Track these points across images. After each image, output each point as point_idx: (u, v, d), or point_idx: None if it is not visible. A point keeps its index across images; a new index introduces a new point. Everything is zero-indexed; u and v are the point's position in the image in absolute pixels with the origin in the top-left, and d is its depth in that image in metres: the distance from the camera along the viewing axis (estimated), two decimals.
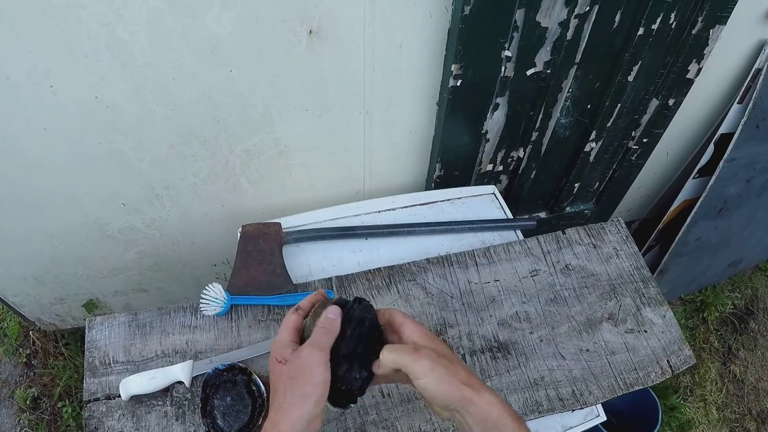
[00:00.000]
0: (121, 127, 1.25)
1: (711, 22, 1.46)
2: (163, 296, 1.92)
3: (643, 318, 1.30)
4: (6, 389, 2.00)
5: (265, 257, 1.30)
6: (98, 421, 1.09)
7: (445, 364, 0.69)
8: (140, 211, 1.51)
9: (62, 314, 1.91)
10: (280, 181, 1.53)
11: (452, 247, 1.41)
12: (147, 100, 1.20)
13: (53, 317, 1.92)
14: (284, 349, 0.73)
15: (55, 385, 1.98)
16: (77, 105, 1.17)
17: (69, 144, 1.25)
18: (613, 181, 1.92)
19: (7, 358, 2.04)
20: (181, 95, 1.21)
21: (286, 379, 0.69)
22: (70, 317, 1.93)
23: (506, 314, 1.27)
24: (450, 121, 1.43)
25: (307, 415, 0.68)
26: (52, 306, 1.85)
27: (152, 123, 1.26)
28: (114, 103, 1.19)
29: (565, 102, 1.55)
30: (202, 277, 1.86)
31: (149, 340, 1.18)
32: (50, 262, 1.63)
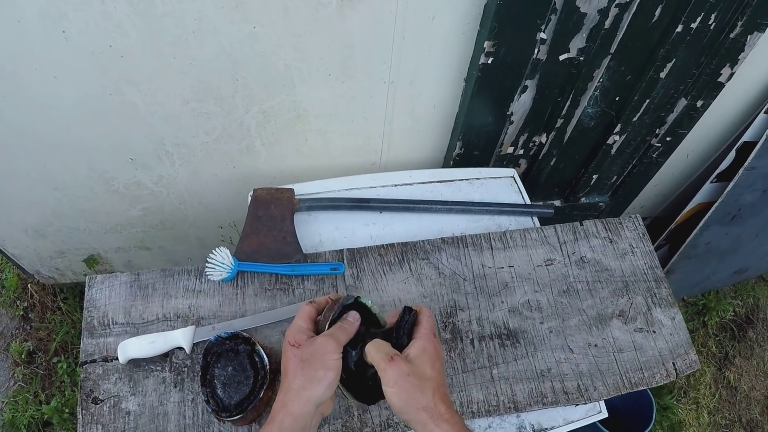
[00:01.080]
0: (134, 78, 1.19)
1: (750, 28, 1.41)
2: (166, 255, 1.87)
3: (652, 318, 1.25)
4: (2, 341, 1.96)
5: (275, 224, 1.24)
6: (94, 384, 1.05)
7: (413, 383, 0.69)
8: (148, 167, 1.45)
9: (62, 268, 1.85)
10: (295, 145, 1.46)
11: (467, 228, 1.35)
12: (164, 52, 1.14)
13: (53, 271, 1.86)
14: (299, 334, 0.74)
15: (51, 339, 1.93)
16: (90, 53, 1.11)
17: (79, 93, 1.20)
18: (631, 176, 1.87)
19: (4, 310, 1.99)
20: (200, 50, 1.15)
21: (299, 362, 0.70)
22: (69, 272, 1.88)
23: (518, 302, 1.22)
24: (476, 99, 1.37)
25: (315, 398, 0.69)
26: (52, 259, 1.79)
27: (167, 76, 1.19)
28: (129, 53, 1.12)
29: (594, 92, 1.49)
30: (207, 239, 1.80)
31: (150, 303, 1.13)
32: (52, 215, 1.57)
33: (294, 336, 0.73)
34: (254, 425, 1.04)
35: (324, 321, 0.76)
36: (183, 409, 1.04)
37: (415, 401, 0.69)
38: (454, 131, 1.50)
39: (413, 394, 0.69)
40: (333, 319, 0.76)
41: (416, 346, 0.74)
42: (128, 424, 1.02)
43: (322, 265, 1.19)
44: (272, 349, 1.10)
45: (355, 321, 0.77)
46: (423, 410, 0.68)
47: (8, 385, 1.89)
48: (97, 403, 1.03)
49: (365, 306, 0.82)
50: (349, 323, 0.76)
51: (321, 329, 0.76)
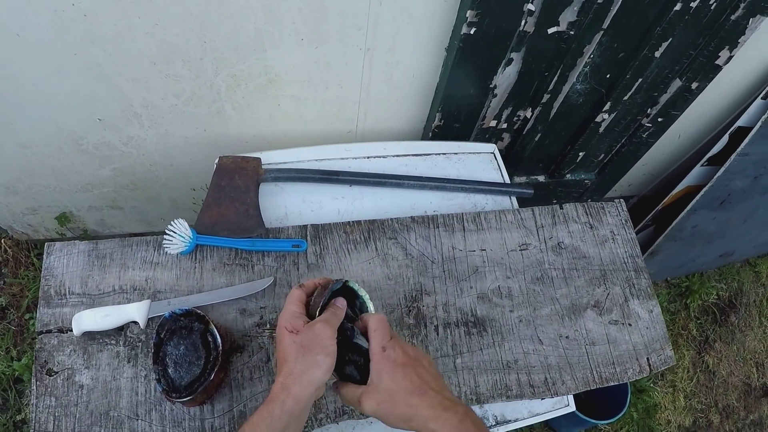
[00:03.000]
0: (98, 38, 1.11)
1: (753, 11, 1.32)
2: (139, 215, 1.81)
3: (629, 310, 1.19)
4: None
5: (239, 195, 1.16)
6: (48, 355, 1.00)
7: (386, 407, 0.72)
8: (117, 128, 1.37)
9: (35, 225, 1.79)
10: (267, 111, 1.38)
11: (441, 206, 1.28)
12: (128, 11, 1.06)
13: (26, 227, 1.81)
14: (295, 320, 0.75)
15: (23, 296, 1.88)
16: (53, 12, 1.04)
17: (43, 52, 1.13)
18: (619, 155, 1.79)
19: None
20: (166, 10, 1.07)
21: (298, 347, 0.72)
22: (43, 228, 1.82)
23: (488, 288, 1.15)
24: (457, 70, 1.28)
25: (316, 381, 0.71)
26: (24, 216, 1.73)
27: (133, 37, 1.12)
28: (92, 12, 1.05)
29: (584, 68, 1.40)
30: (180, 200, 1.74)
31: (108, 273, 1.07)
32: (22, 173, 1.51)
33: (290, 322, 0.75)
34: (206, 405, 0.99)
35: (315, 306, 0.78)
36: (136, 385, 0.99)
37: (396, 418, 0.71)
38: (433, 102, 1.41)
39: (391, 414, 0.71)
40: (323, 304, 0.78)
41: (372, 370, 0.74)
42: (81, 398, 0.97)
43: (283, 241, 1.12)
44: (227, 329, 1.05)
45: (343, 307, 0.80)
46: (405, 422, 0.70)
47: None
48: (51, 375, 0.99)
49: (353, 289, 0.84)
50: (339, 309, 0.79)
51: (312, 314, 0.78)
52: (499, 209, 1.27)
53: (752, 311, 2.52)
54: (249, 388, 1.01)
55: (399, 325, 1.09)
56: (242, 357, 1.03)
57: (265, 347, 1.04)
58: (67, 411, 0.96)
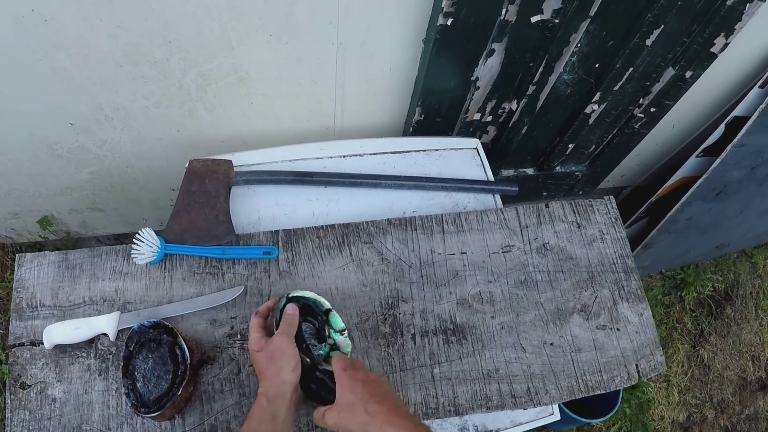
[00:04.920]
0: (62, 43, 1.06)
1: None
2: (120, 217, 1.75)
3: (618, 314, 1.12)
4: None
5: (209, 200, 1.09)
6: (22, 368, 0.96)
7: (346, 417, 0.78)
8: (90, 132, 1.31)
9: (18, 228, 1.74)
10: (240, 110, 1.30)
11: (420, 206, 1.20)
12: (89, 14, 1.00)
13: (9, 231, 1.75)
14: (258, 341, 0.86)
15: (9, 299, 1.81)
16: (13, 18, 0.99)
17: (7, 59, 1.08)
18: (611, 146, 1.70)
19: None
20: (127, 11, 1.01)
21: (266, 360, 0.83)
22: (26, 231, 1.76)
23: (468, 293, 1.08)
24: (436, 62, 1.20)
25: (286, 380, 0.82)
26: (6, 220, 1.68)
27: (96, 40, 1.06)
28: (53, 17, 1.01)
29: (571, 57, 1.32)
30: (160, 201, 1.67)
31: (78, 284, 1.02)
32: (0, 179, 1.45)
33: (255, 344, 0.85)
34: (176, 419, 0.94)
35: (271, 326, 0.89)
36: (107, 399, 0.95)
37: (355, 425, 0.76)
38: (413, 96, 1.33)
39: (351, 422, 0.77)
40: (278, 320, 0.89)
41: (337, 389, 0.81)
42: (54, 412, 0.93)
43: (254, 248, 1.05)
44: (197, 341, 0.99)
45: (294, 311, 0.91)
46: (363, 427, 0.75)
47: None
48: (24, 389, 0.95)
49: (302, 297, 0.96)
50: (291, 316, 0.90)
51: (272, 332, 0.88)
52: (481, 209, 1.19)
53: (748, 303, 2.42)
54: (220, 401, 0.96)
55: (374, 334, 1.03)
56: (213, 369, 0.98)
57: (236, 359, 0.99)
58: (41, 425, 0.93)
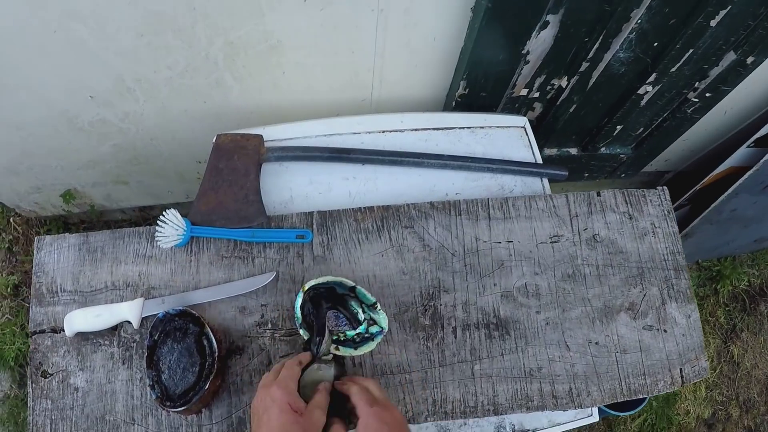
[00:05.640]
0: (77, 12, 0.97)
1: None
2: (145, 189, 1.67)
3: (666, 315, 1.02)
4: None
5: (238, 178, 1.00)
6: (43, 356, 0.91)
7: None
8: (111, 104, 1.22)
9: (41, 202, 1.68)
10: (271, 80, 1.20)
11: (464, 188, 1.10)
12: None
13: (32, 205, 1.69)
14: (297, 401, 0.74)
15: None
16: None
17: (20, 32, 1.00)
18: (660, 129, 1.57)
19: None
20: None
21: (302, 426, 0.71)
22: (50, 205, 1.70)
23: (513, 285, 0.99)
24: (485, 33, 1.08)
25: None
26: (29, 194, 1.62)
27: (114, 8, 0.97)
28: None
29: (630, 34, 1.19)
30: (186, 173, 1.59)
31: (99, 268, 0.95)
32: (21, 154, 1.38)
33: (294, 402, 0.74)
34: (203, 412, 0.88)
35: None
36: (131, 389, 0.89)
37: None
38: (457, 69, 1.21)
39: None
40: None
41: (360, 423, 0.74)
42: (77, 401, 0.89)
43: (286, 231, 0.96)
44: (225, 330, 0.92)
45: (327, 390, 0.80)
46: None
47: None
48: (46, 377, 0.90)
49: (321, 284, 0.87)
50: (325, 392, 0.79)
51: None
52: (529, 194, 1.09)
53: None
54: (248, 393, 0.89)
55: (413, 327, 0.94)
56: (241, 359, 0.91)
57: (266, 349, 0.92)
58: (63, 414, 0.89)
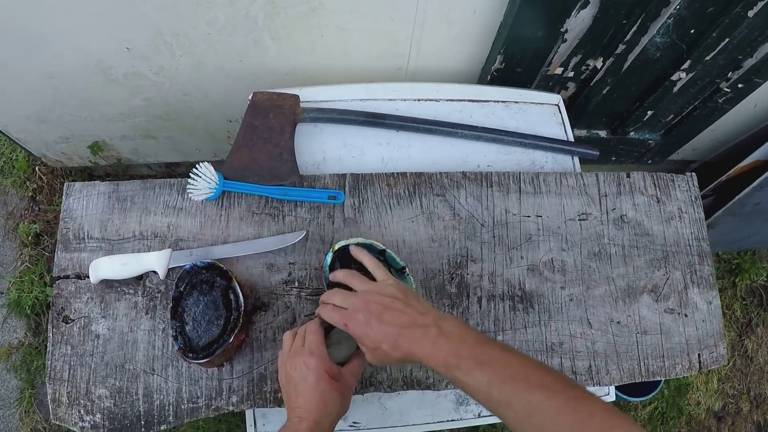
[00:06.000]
0: None
1: None
2: (173, 145, 1.66)
3: (687, 299, 1.01)
4: (11, 221, 1.82)
5: (272, 136, 1.00)
6: (65, 301, 0.91)
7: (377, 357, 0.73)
8: (147, 58, 1.21)
9: (68, 153, 1.68)
10: (309, 42, 1.19)
11: (495, 161, 1.09)
12: None
13: (59, 155, 1.69)
14: (332, 367, 0.76)
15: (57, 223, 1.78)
16: None
17: None
18: (689, 118, 1.55)
19: (14, 190, 1.83)
20: None
21: (338, 394, 0.74)
22: (76, 156, 1.70)
23: (540, 259, 0.98)
24: (526, 9, 1.06)
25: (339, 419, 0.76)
26: (57, 144, 1.62)
27: None
28: None
29: (668, 19, 1.17)
30: (215, 131, 1.58)
31: (128, 217, 0.95)
32: (53, 103, 1.38)
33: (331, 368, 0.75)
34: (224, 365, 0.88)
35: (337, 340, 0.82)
36: (153, 339, 0.89)
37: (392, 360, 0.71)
38: (495, 43, 1.20)
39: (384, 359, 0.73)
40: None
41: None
42: (97, 348, 0.89)
43: (319, 191, 0.96)
44: (252, 285, 0.92)
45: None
46: (400, 361, 0.71)
47: (15, 265, 1.78)
48: (67, 323, 0.90)
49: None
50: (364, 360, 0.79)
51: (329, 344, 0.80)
52: (560, 170, 1.08)
53: None
54: (271, 350, 0.89)
55: (439, 294, 0.94)
56: (266, 316, 0.91)
57: (291, 307, 0.92)
58: (82, 361, 0.88)
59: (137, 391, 0.87)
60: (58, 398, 0.87)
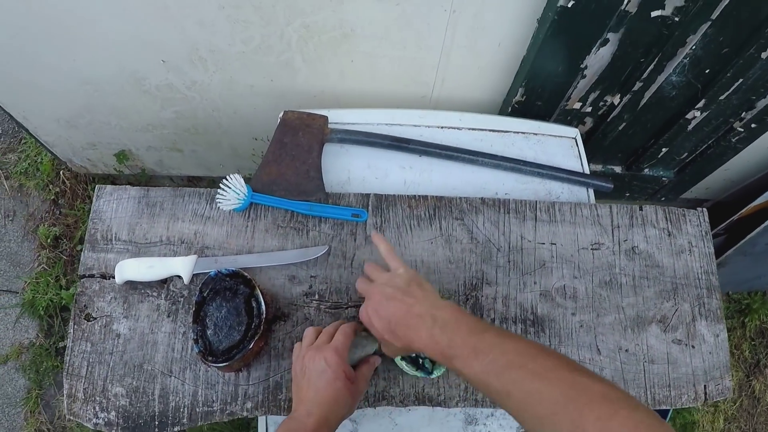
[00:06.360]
0: None
1: None
2: (198, 159, 1.71)
3: (695, 331, 1.03)
4: (31, 223, 1.86)
5: (300, 153, 1.04)
6: (89, 299, 0.94)
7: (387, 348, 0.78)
8: (181, 71, 1.27)
9: (94, 159, 1.73)
10: (339, 66, 1.24)
11: (513, 189, 1.13)
12: None
13: (84, 161, 1.74)
14: (350, 369, 0.78)
15: (77, 227, 1.83)
16: None
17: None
18: (703, 156, 1.58)
19: (37, 192, 1.88)
20: None
21: (350, 396, 0.76)
22: (101, 163, 1.75)
23: (552, 285, 1.01)
24: (548, 44, 1.11)
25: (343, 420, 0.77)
26: (83, 150, 1.67)
27: None
28: None
29: (684, 59, 1.21)
30: (240, 148, 1.63)
31: (156, 222, 0.99)
32: (83, 108, 1.43)
33: (348, 371, 0.77)
34: (242, 371, 0.91)
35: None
36: (173, 341, 0.92)
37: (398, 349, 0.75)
38: (517, 76, 1.24)
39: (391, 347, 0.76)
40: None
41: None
42: (117, 347, 0.91)
43: (343, 209, 1.00)
44: (273, 295, 0.95)
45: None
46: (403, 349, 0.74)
47: (32, 266, 1.81)
48: (89, 320, 0.93)
49: None
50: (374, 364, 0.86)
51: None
52: (575, 201, 1.11)
53: None
54: (288, 359, 0.92)
55: None
56: (285, 326, 0.94)
57: (310, 318, 0.95)
58: (101, 358, 0.90)
59: (154, 391, 0.89)
60: (74, 393, 0.89)
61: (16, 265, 1.81)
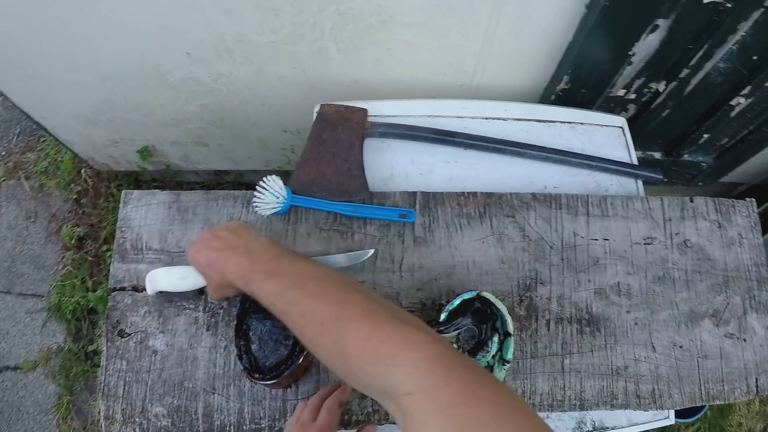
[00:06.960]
0: None
1: None
2: (224, 153, 1.65)
3: (746, 324, 0.99)
4: (54, 224, 1.81)
5: (341, 150, 0.98)
6: (121, 314, 0.88)
7: (208, 285, 0.76)
8: (207, 63, 1.20)
9: (116, 156, 1.67)
10: (375, 55, 1.17)
11: (562, 183, 1.07)
12: None
13: (107, 158, 1.68)
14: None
15: (101, 227, 1.77)
16: None
17: None
18: (743, 142, 1.53)
19: (59, 192, 1.83)
20: None
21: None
22: (124, 160, 1.69)
23: (607, 282, 0.96)
24: (596, 31, 1.05)
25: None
26: (105, 147, 1.61)
27: None
28: None
29: (733, 46, 1.15)
30: (269, 140, 1.56)
31: (189, 229, 0.93)
32: (104, 104, 1.37)
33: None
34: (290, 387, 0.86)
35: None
36: (214, 357, 0.86)
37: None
38: (561, 63, 1.18)
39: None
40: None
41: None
42: (154, 365, 0.86)
43: (389, 209, 0.94)
44: None
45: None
46: (222, 285, 0.73)
47: (57, 269, 1.76)
48: (123, 337, 0.87)
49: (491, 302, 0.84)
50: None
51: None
52: (624, 194, 1.06)
53: None
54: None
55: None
56: None
57: None
58: (138, 377, 0.85)
59: (197, 410, 0.84)
60: (112, 415, 0.83)
61: (41, 268, 1.77)
